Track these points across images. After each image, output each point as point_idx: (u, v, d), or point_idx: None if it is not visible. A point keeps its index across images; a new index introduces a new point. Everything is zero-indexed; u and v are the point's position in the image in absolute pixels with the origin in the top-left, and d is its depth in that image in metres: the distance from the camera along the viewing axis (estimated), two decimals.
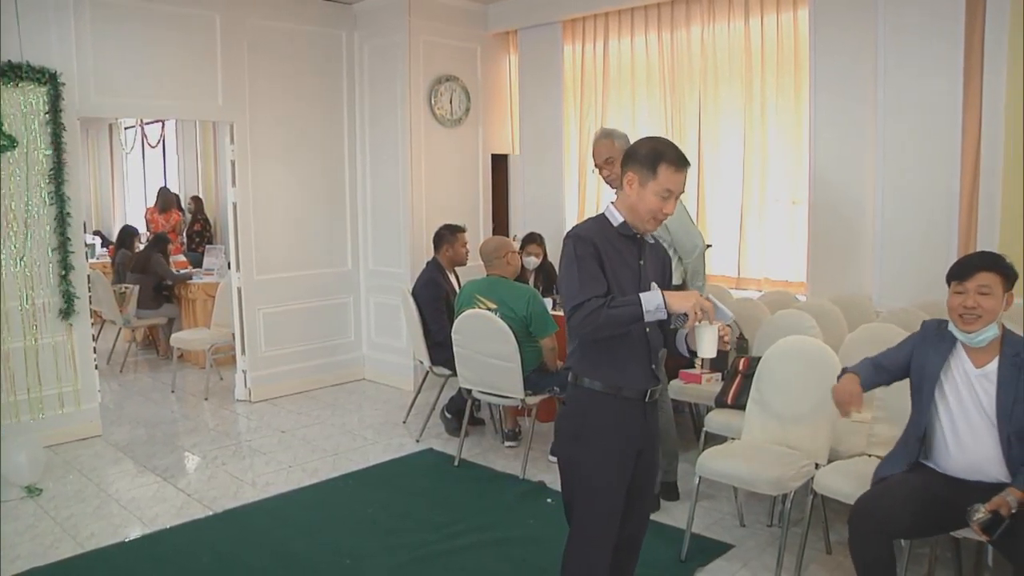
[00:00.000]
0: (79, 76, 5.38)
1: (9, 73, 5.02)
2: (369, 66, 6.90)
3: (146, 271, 7.67)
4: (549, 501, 4.48)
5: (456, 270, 5.85)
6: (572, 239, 2.61)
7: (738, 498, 4.24)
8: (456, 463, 5.07)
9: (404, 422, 5.92)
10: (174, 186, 10.91)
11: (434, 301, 5.52)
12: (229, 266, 6.86)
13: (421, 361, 5.72)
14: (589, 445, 2.65)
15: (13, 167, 5.12)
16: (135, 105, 5.99)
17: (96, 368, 5.75)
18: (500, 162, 7.49)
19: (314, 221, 6.86)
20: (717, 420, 4.32)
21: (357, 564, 3.77)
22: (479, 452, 5.30)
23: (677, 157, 2.58)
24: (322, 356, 6.99)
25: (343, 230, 7.08)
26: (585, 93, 6.87)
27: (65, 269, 5.35)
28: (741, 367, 4.47)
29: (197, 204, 10.11)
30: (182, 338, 7.04)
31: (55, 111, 5.21)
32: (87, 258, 5.88)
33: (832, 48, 5.24)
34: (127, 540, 4.05)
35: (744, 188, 5.97)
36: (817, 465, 3.57)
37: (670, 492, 4.41)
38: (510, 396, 4.84)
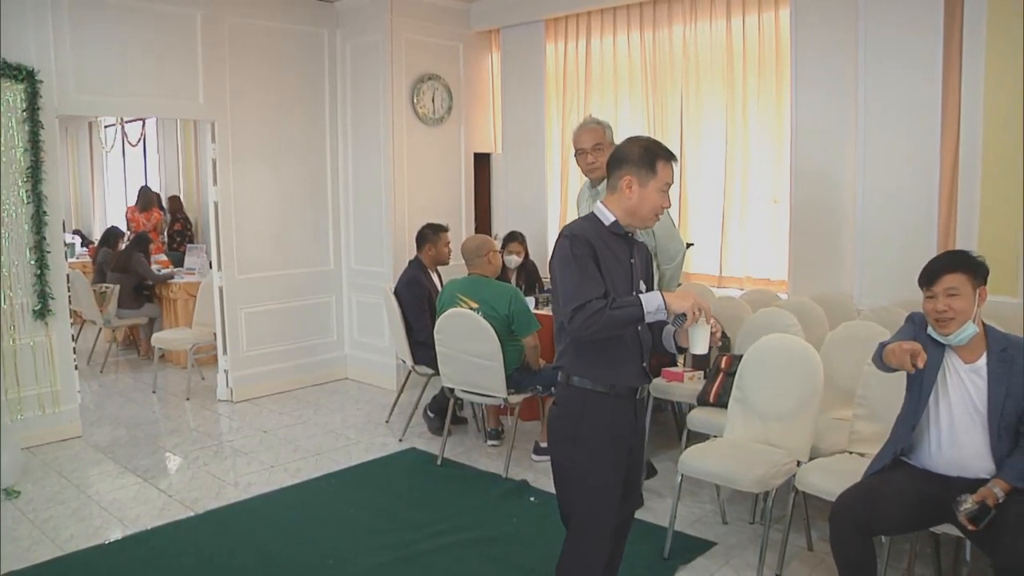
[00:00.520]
0: (57, 74, 5.33)
1: None
2: (351, 64, 6.88)
3: (127, 271, 7.61)
4: (532, 500, 4.48)
5: (439, 269, 5.84)
6: (568, 238, 2.60)
7: (720, 496, 4.26)
8: (439, 462, 5.06)
9: (387, 421, 5.91)
10: (155, 185, 10.83)
11: (416, 300, 5.51)
12: (211, 265, 6.82)
13: (403, 360, 5.71)
14: (584, 445, 2.65)
15: None
16: (115, 103, 5.94)
17: (76, 368, 5.71)
18: (482, 161, 7.49)
19: (296, 220, 6.83)
20: (699, 418, 4.33)
21: (340, 564, 3.76)
22: (462, 451, 5.29)
23: (667, 151, 2.68)
24: (304, 356, 6.96)
25: (325, 229, 7.05)
26: (568, 92, 6.87)
27: (42, 269, 5.30)
28: (723, 365, 4.49)
29: (176, 203, 10.04)
30: (163, 338, 6.99)
31: (32, 109, 5.16)
32: (66, 258, 5.83)
33: (813, 48, 5.26)
34: (107, 542, 4.02)
35: (726, 187, 5.99)
36: (799, 463, 3.59)
37: (648, 471, 4.43)
38: (493, 395, 4.83)
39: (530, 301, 5.41)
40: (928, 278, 2.94)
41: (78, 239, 11.11)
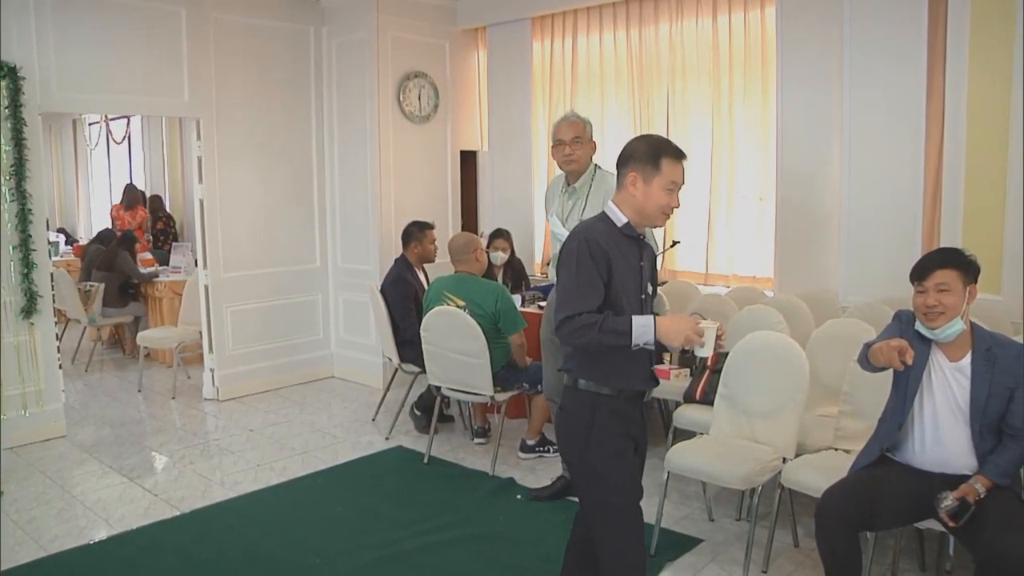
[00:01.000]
0: (40, 70, 5.28)
1: None
2: (337, 62, 6.85)
3: (112, 269, 7.56)
4: (519, 497, 4.48)
5: (425, 267, 5.83)
6: (584, 242, 2.57)
7: (707, 493, 4.27)
8: (425, 460, 5.06)
9: (373, 420, 5.90)
10: (140, 183, 10.75)
11: (403, 298, 5.50)
12: (196, 264, 6.79)
13: (390, 358, 5.70)
14: (598, 448, 2.64)
15: None
16: (99, 101, 5.89)
17: (60, 368, 5.67)
18: (469, 158, 7.48)
19: (282, 218, 6.81)
20: (685, 415, 4.34)
21: (326, 563, 3.75)
22: (448, 449, 5.29)
23: (675, 149, 2.67)
24: (290, 354, 6.94)
25: (311, 227, 7.03)
26: (554, 90, 6.88)
27: (27, 267, 5.26)
28: (709, 363, 4.49)
29: (157, 202, 9.97)
30: (149, 337, 6.95)
31: (15, 106, 5.12)
32: (50, 256, 5.78)
33: (799, 46, 5.28)
34: (92, 542, 4.00)
35: (712, 184, 6.00)
36: (784, 460, 3.61)
37: None
38: (479, 393, 4.83)
39: (516, 299, 5.41)
40: (920, 273, 2.96)
41: (62, 237, 11.04)
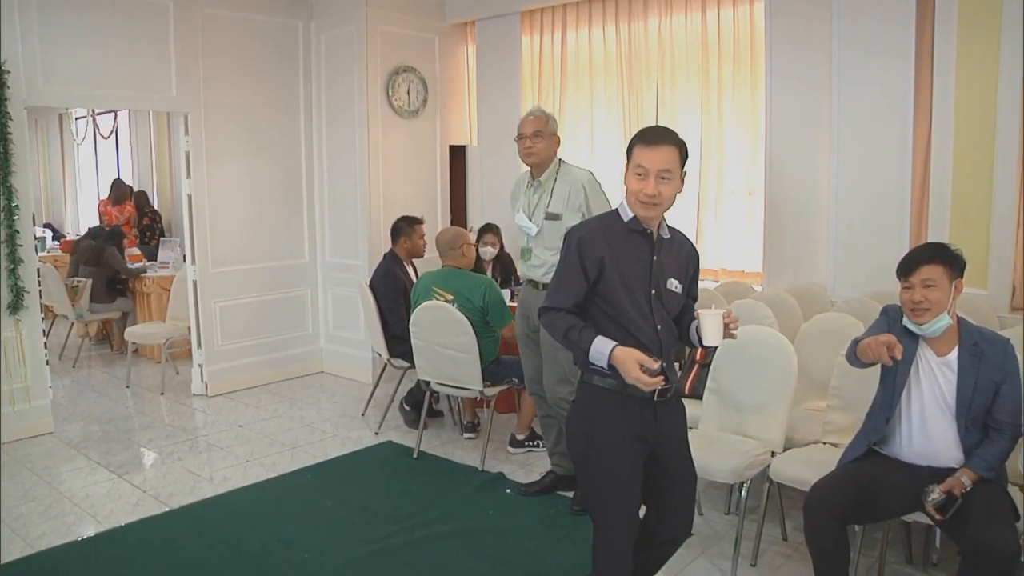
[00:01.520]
0: (25, 64, 5.24)
1: None
2: (326, 57, 6.83)
3: (99, 264, 7.52)
4: (508, 492, 4.48)
5: (414, 262, 5.82)
6: (576, 241, 2.62)
7: (696, 487, 4.27)
8: (415, 455, 5.06)
9: (363, 415, 5.89)
10: (128, 178, 10.70)
11: (392, 293, 5.49)
12: (184, 259, 6.77)
13: (379, 353, 5.69)
14: (599, 442, 2.64)
15: None
16: (85, 95, 5.86)
17: (47, 364, 5.64)
18: (458, 153, 7.47)
19: (270, 213, 6.78)
20: None
21: (316, 558, 3.75)
22: (438, 444, 5.29)
23: (648, 134, 2.64)
24: (279, 349, 6.93)
25: (300, 222, 7.01)
26: (543, 85, 6.87)
27: (14, 262, 5.22)
28: (698, 357, 4.50)
29: (142, 198, 9.91)
30: (137, 332, 6.92)
31: (0, 100, 5.08)
32: (37, 251, 5.75)
33: (787, 41, 5.30)
34: (80, 539, 3.98)
35: (701, 179, 6.01)
36: (773, 453, 3.62)
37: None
38: (468, 388, 4.83)
39: (505, 293, 5.41)
40: (906, 268, 2.97)
41: (49, 233, 10.97)
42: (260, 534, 4.01)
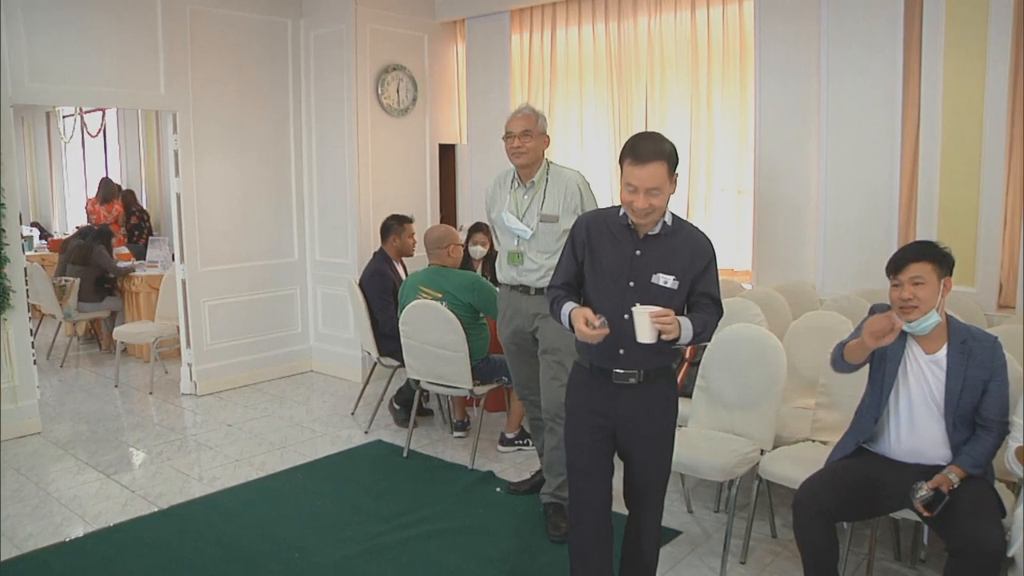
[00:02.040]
0: (11, 61, 5.21)
1: None
2: (315, 55, 6.81)
3: (87, 263, 7.49)
4: (498, 490, 4.48)
5: (404, 260, 5.81)
6: (574, 225, 2.94)
7: (685, 485, 4.29)
8: (405, 454, 5.05)
9: (352, 414, 5.88)
10: (116, 177, 10.66)
11: (381, 292, 5.48)
12: (173, 258, 6.74)
13: (369, 352, 5.68)
14: (568, 408, 2.99)
15: None
16: (72, 93, 5.80)
17: (35, 363, 5.60)
18: (447, 152, 7.46)
19: (260, 212, 6.76)
20: None
21: (306, 557, 3.74)
22: (428, 443, 5.29)
23: (635, 152, 2.68)
24: (269, 348, 6.91)
25: (289, 220, 6.99)
26: (533, 83, 6.87)
27: (0, 262, 5.19)
28: (687, 355, 4.52)
29: (130, 197, 9.86)
30: (126, 331, 6.89)
31: None
32: (24, 250, 5.71)
33: (777, 40, 5.31)
34: (68, 540, 3.96)
35: (690, 178, 6.02)
36: (762, 451, 3.63)
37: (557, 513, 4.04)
38: (458, 386, 4.83)
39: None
40: (895, 266, 2.98)
41: (36, 232, 10.92)
42: (250, 534, 4.00)
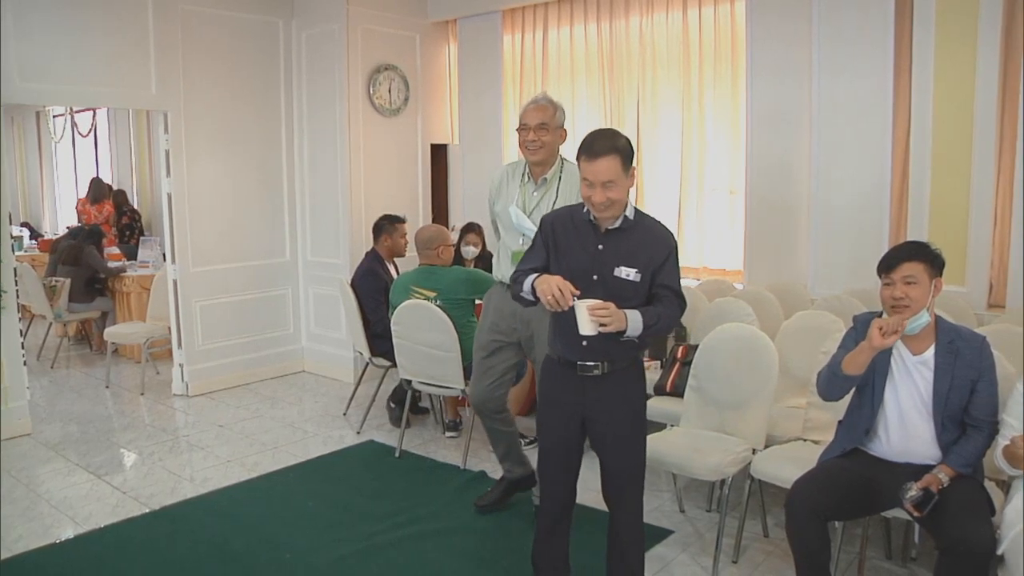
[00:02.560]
0: (2, 61, 5.17)
1: None
2: (307, 54, 6.80)
3: (78, 263, 7.46)
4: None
5: (396, 260, 5.81)
6: (542, 221, 3.03)
7: (677, 484, 4.30)
8: (397, 454, 5.05)
9: (344, 414, 5.88)
10: (107, 177, 10.62)
11: (373, 292, 5.48)
12: (164, 258, 6.72)
13: (361, 352, 5.67)
14: (541, 406, 3.15)
15: None
16: (63, 92, 5.77)
17: (25, 364, 5.58)
18: (439, 152, 7.45)
19: (251, 212, 6.75)
20: (656, 407, 4.34)
21: (299, 558, 3.73)
22: (420, 443, 5.28)
23: (589, 149, 2.79)
24: (261, 348, 6.89)
25: (281, 221, 6.98)
26: (524, 83, 6.87)
27: None
28: (679, 355, 4.53)
29: (121, 197, 9.82)
30: (117, 332, 6.87)
31: None
32: (14, 251, 5.68)
33: (768, 39, 5.32)
34: (58, 541, 3.95)
35: (682, 177, 6.04)
36: (754, 451, 3.63)
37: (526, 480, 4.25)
38: (450, 386, 4.82)
39: None
40: (887, 265, 2.99)
41: (26, 232, 10.88)
42: (242, 535, 3.99)
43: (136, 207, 10.00)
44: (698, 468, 3.53)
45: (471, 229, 6.20)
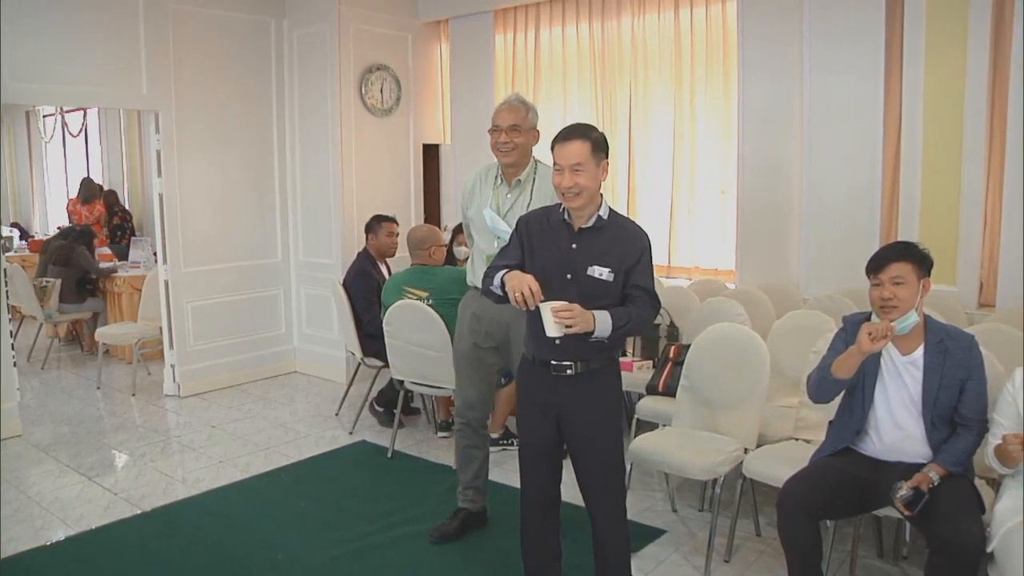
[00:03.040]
0: None
1: None
2: (299, 54, 6.78)
3: (69, 264, 7.43)
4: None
5: (387, 260, 5.80)
6: (518, 221, 3.05)
7: (669, 484, 4.31)
8: (390, 455, 5.04)
9: (336, 414, 5.87)
10: (98, 177, 10.58)
11: (365, 292, 5.47)
12: (156, 258, 6.70)
13: (353, 352, 5.67)
14: (520, 407, 3.18)
15: None
16: (55, 92, 5.76)
17: (15, 365, 5.55)
18: (431, 152, 7.45)
19: (243, 212, 6.73)
20: (648, 407, 4.37)
21: (291, 559, 3.73)
22: (412, 443, 5.28)
23: (561, 132, 2.86)
24: (252, 349, 6.88)
25: (273, 221, 6.96)
26: (516, 83, 6.86)
27: None
28: (671, 354, 4.54)
29: (112, 197, 9.79)
30: (108, 333, 6.85)
31: None
32: (4, 251, 5.65)
33: (759, 40, 5.33)
34: (49, 543, 3.93)
35: (674, 177, 6.04)
36: (746, 450, 3.64)
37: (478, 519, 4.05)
38: (442, 386, 4.82)
39: None
40: (875, 266, 3.00)
41: (17, 232, 10.83)
42: (234, 536, 3.98)
43: (127, 207, 9.97)
44: (690, 468, 3.54)
45: (463, 229, 6.18)
